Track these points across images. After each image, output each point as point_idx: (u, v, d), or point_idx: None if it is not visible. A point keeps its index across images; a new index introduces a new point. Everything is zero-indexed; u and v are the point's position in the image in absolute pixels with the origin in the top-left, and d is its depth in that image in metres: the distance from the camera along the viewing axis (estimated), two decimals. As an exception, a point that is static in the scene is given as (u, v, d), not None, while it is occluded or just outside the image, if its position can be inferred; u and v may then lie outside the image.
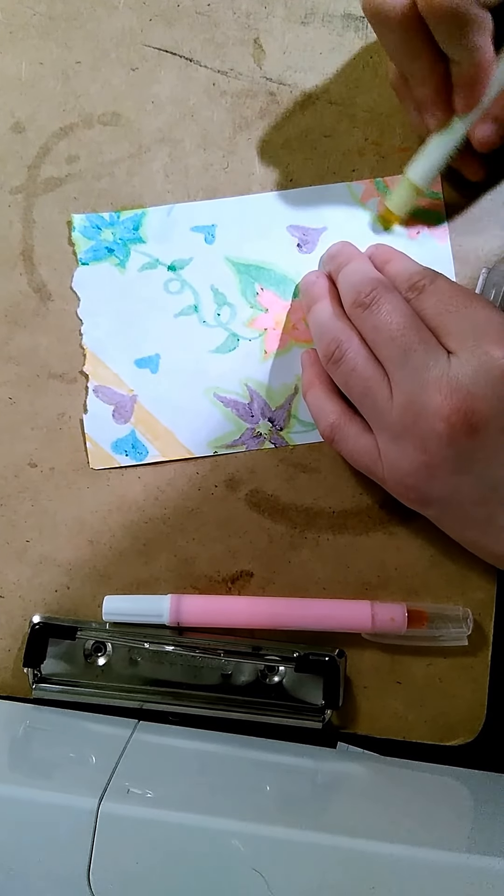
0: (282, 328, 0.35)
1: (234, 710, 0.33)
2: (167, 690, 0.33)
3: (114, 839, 0.26)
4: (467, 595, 0.34)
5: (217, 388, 0.35)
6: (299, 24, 0.35)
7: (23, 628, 0.34)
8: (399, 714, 0.33)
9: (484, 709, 0.33)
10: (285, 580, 0.34)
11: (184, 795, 0.28)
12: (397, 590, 0.34)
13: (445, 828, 0.27)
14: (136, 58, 0.35)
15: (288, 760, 0.32)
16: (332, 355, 0.31)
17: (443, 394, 0.27)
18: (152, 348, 0.35)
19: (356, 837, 0.26)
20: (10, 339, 0.35)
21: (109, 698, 0.33)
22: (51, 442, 0.35)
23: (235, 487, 0.34)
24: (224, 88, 0.35)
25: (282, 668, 0.33)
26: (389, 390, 0.29)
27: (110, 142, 0.35)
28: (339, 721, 0.33)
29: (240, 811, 0.27)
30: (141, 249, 0.35)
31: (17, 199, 0.35)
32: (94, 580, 0.34)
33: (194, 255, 0.35)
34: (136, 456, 0.34)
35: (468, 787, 0.32)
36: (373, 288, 0.30)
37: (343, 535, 0.34)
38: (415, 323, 0.29)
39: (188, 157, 0.35)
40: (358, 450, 0.31)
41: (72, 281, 0.35)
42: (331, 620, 0.33)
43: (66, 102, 0.35)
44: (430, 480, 0.29)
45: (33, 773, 0.29)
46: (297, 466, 0.35)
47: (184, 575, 0.34)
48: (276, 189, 0.35)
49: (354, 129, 0.35)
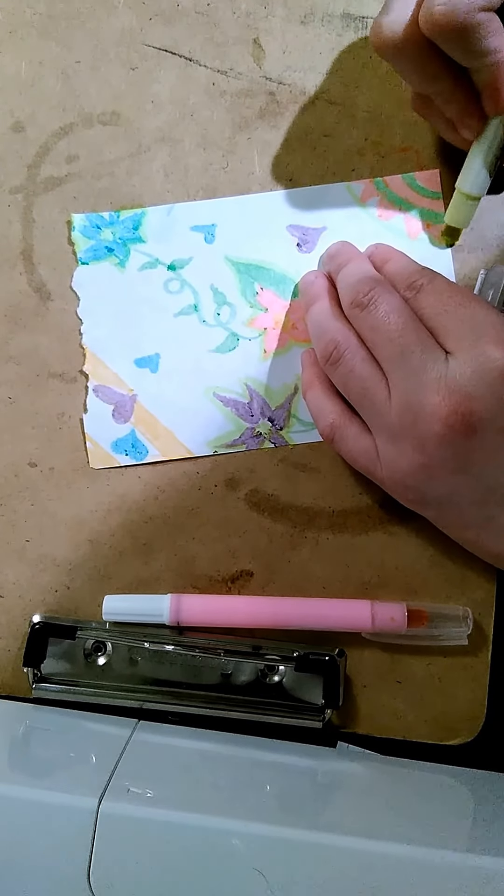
0: (281, 328, 0.35)
1: (234, 709, 0.33)
2: (167, 690, 0.33)
3: (114, 839, 0.25)
4: (467, 594, 0.34)
5: (217, 388, 0.35)
6: (299, 23, 0.35)
7: (23, 628, 0.34)
8: (399, 713, 0.33)
9: (484, 708, 0.33)
10: (285, 580, 0.34)
11: (184, 795, 0.28)
12: (397, 589, 0.34)
13: (445, 827, 0.27)
14: (135, 57, 0.35)
15: (288, 760, 0.32)
16: (330, 356, 0.31)
17: (441, 395, 0.27)
18: (152, 348, 0.35)
19: (356, 837, 0.26)
20: (9, 338, 0.35)
21: (109, 698, 0.33)
22: (51, 442, 0.35)
23: (235, 487, 0.34)
24: (224, 88, 0.35)
25: (282, 668, 0.33)
26: (388, 391, 0.29)
27: (110, 141, 0.35)
28: (339, 720, 0.33)
29: (240, 811, 0.27)
30: (141, 249, 0.35)
31: (16, 199, 0.35)
32: (94, 580, 0.34)
33: (194, 255, 0.35)
34: (136, 455, 0.34)
35: (468, 786, 0.32)
36: (371, 288, 0.30)
37: (343, 534, 0.34)
38: (413, 323, 0.29)
39: (188, 156, 0.35)
40: (357, 450, 0.31)
41: (72, 280, 0.35)
42: (331, 620, 0.33)
43: (65, 102, 0.35)
44: (429, 481, 0.29)
45: (33, 773, 0.29)
46: (297, 466, 0.35)
47: (184, 574, 0.34)
48: (276, 189, 0.35)
49: (354, 129, 0.35)
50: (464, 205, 0.33)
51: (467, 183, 0.32)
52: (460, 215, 0.33)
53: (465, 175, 0.32)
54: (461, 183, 0.33)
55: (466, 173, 0.32)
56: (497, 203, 0.35)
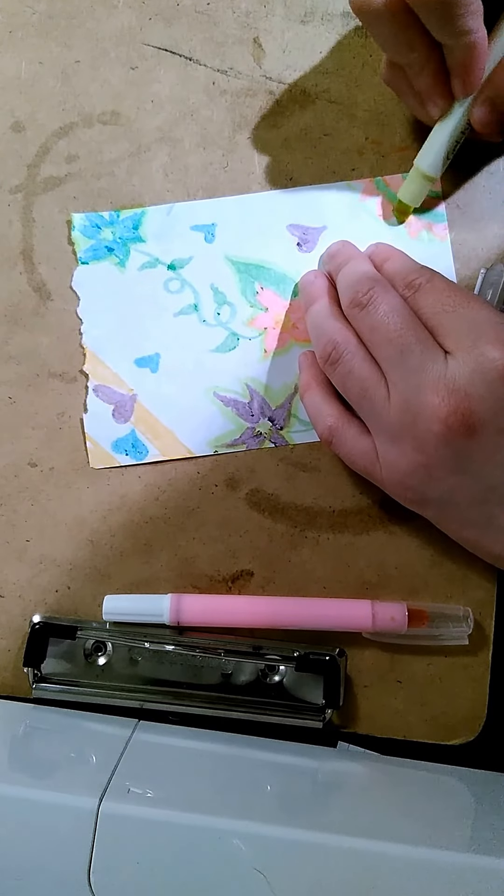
0: (282, 327, 0.35)
1: (235, 709, 0.33)
2: (167, 690, 0.33)
3: (114, 839, 0.25)
4: (468, 594, 0.34)
5: (217, 388, 0.35)
6: (299, 22, 0.35)
7: (23, 628, 0.34)
8: (399, 713, 0.33)
9: (484, 708, 0.33)
10: (285, 579, 0.34)
11: (184, 795, 0.28)
12: (398, 589, 0.34)
13: (446, 827, 0.27)
14: (135, 57, 0.35)
15: (288, 760, 0.32)
16: (329, 356, 0.30)
17: (440, 395, 0.27)
18: (152, 347, 0.35)
19: (357, 837, 0.26)
20: (10, 338, 0.35)
21: (110, 698, 0.33)
22: (51, 441, 0.35)
23: (236, 487, 0.34)
24: (224, 87, 0.35)
25: (282, 668, 0.33)
26: (387, 391, 0.29)
27: (110, 141, 0.35)
28: (339, 720, 0.33)
29: (240, 811, 0.27)
30: (141, 248, 0.35)
31: (16, 199, 0.35)
32: (95, 580, 0.34)
33: (194, 255, 0.35)
34: (137, 455, 0.34)
35: (469, 786, 0.32)
36: (369, 287, 0.30)
37: (343, 534, 0.34)
38: (412, 323, 0.29)
39: (188, 156, 0.35)
40: (356, 452, 0.31)
41: (71, 280, 0.35)
42: (331, 620, 0.33)
43: (65, 101, 0.35)
44: (428, 481, 0.29)
45: (34, 773, 0.29)
46: (298, 466, 0.34)
47: (184, 574, 0.34)
48: (276, 188, 0.35)
49: (354, 128, 0.35)
50: (418, 182, 0.33)
51: (425, 161, 0.33)
52: (412, 193, 0.34)
53: (425, 153, 0.33)
54: (420, 160, 0.33)
55: (427, 152, 0.33)
56: (497, 203, 0.35)
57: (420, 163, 0.33)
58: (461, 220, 0.35)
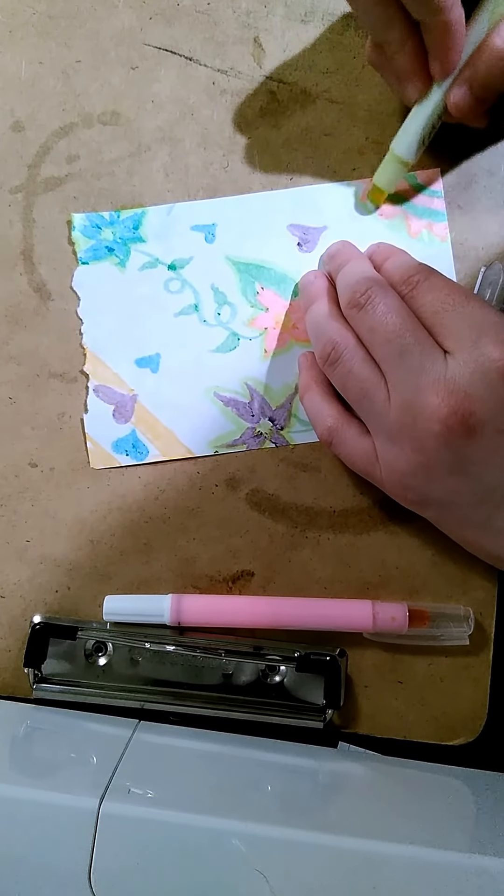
0: (282, 327, 0.35)
1: (235, 709, 0.32)
2: (168, 690, 0.33)
3: (114, 839, 0.25)
4: (469, 594, 0.34)
5: (217, 388, 0.35)
6: (299, 22, 0.35)
7: (23, 628, 0.34)
8: (400, 713, 0.33)
9: (485, 708, 0.33)
10: (286, 580, 0.34)
11: (185, 795, 0.28)
12: (398, 589, 0.34)
13: (446, 827, 0.27)
14: (135, 57, 0.35)
15: (289, 760, 0.32)
16: (328, 357, 0.30)
17: (440, 395, 0.27)
18: (152, 348, 0.35)
19: (357, 837, 0.25)
20: (10, 338, 0.35)
21: (110, 698, 0.33)
22: (51, 442, 0.35)
23: (236, 487, 0.34)
24: (224, 87, 0.35)
25: (283, 668, 0.33)
26: (387, 392, 0.29)
27: (110, 141, 0.35)
28: (340, 721, 0.33)
29: (241, 811, 0.27)
30: (141, 249, 0.35)
31: (16, 199, 0.35)
32: (95, 580, 0.34)
33: (194, 255, 0.35)
34: (137, 455, 0.34)
35: (469, 786, 0.32)
36: (368, 288, 0.30)
37: (344, 534, 0.34)
38: (411, 323, 0.29)
39: (188, 156, 0.35)
40: (356, 453, 0.31)
41: (72, 280, 0.35)
42: (332, 620, 0.33)
43: (65, 101, 0.35)
44: (428, 482, 0.29)
45: (34, 773, 0.29)
46: (298, 466, 0.34)
47: (184, 574, 0.34)
48: (277, 188, 0.35)
49: (355, 128, 0.35)
50: (393, 166, 0.33)
51: (400, 145, 0.32)
52: (387, 177, 0.33)
53: (401, 137, 0.32)
54: (395, 143, 0.33)
55: (402, 135, 0.32)
56: (497, 203, 0.35)
57: (395, 146, 0.33)
58: (462, 220, 0.35)
